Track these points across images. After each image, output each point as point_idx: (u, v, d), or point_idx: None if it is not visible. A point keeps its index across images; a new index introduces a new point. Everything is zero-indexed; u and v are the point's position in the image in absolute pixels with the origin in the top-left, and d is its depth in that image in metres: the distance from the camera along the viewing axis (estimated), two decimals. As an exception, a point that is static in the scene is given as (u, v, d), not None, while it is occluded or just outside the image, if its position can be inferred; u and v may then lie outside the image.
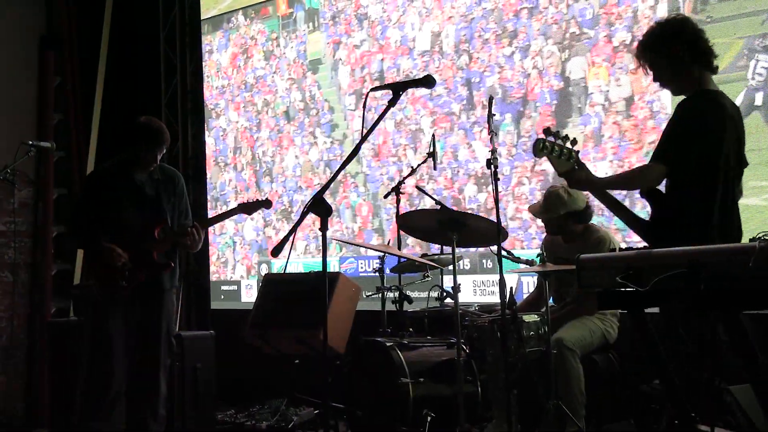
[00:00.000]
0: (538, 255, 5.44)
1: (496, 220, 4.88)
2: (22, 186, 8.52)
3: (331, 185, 3.96)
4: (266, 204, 5.86)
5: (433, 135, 6.31)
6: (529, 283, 6.48)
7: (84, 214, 5.68)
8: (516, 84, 6.86)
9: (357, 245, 6.62)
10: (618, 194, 4.36)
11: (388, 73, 7.67)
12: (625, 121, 6.28)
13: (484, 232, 5.32)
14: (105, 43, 9.37)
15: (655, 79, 4.29)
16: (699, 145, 4.00)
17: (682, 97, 4.20)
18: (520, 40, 6.85)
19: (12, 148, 6.45)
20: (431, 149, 6.14)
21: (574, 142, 4.06)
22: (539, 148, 3.97)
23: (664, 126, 4.27)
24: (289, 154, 8.48)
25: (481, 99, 6.94)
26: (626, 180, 4.43)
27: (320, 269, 3.96)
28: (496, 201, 4.83)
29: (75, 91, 9.23)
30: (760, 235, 3.13)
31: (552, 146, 3.99)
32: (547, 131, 4.01)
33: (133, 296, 5.54)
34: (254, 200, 5.87)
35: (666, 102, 6.01)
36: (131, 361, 5.56)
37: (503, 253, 5.05)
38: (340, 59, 8.10)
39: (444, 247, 6.06)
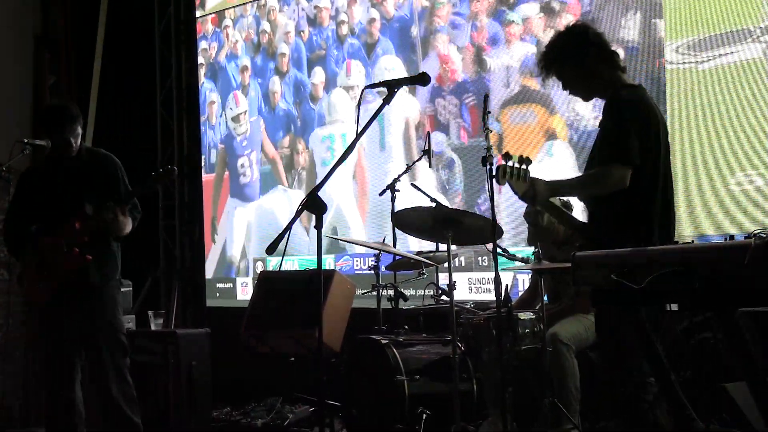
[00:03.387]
0: (534, 252, 5.44)
1: (491, 218, 4.88)
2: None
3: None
4: (170, 172, 5.24)
5: (428, 133, 6.30)
6: (525, 281, 6.48)
7: (12, 218, 5.55)
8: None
9: (353, 243, 6.62)
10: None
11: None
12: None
13: (479, 229, 5.32)
14: (100, 42, 9.36)
15: (565, 88, 4.28)
16: (642, 140, 3.99)
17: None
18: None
19: (7, 146, 6.43)
20: (426, 147, 6.14)
21: (528, 161, 4.03)
22: (502, 175, 3.97)
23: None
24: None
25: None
26: (585, 184, 4.20)
27: (315, 267, 3.96)
28: (492, 198, 4.83)
29: (70, 90, 9.22)
30: (756, 232, 3.13)
31: (512, 170, 3.98)
32: (506, 156, 4.00)
33: (61, 298, 5.27)
34: (160, 171, 5.29)
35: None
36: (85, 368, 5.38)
37: (498, 250, 5.05)
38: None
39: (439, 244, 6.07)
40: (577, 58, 4.16)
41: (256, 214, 8.62)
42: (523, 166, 4.00)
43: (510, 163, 3.99)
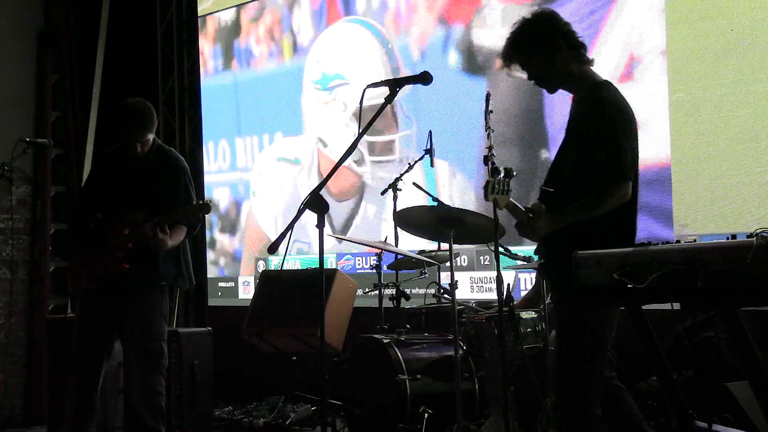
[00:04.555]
0: (536, 251, 5.43)
1: (493, 217, 4.87)
2: (19, 183, 8.51)
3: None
4: (205, 208, 5.25)
5: (430, 132, 6.30)
6: (527, 280, 6.47)
7: (78, 204, 5.62)
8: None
9: (355, 242, 6.61)
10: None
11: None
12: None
13: (481, 228, 5.32)
14: (102, 41, 9.36)
15: (530, 78, 4.12)
16: (632, 146, 3.92)
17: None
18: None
19: (9, 145, 6.44)
20: (428, 146, 6.13)
21: (509, 174, 3.93)
22: (490, 192, 3.87)
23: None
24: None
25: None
26: (588, 210, 3.90)
27: (317, 266, 3.96)
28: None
29: (72, 88, 9.22)
30: (758, 231, 3.12)
31: (500, 185, 3.89)
32: (494, 171, 3.96)
33: (97, 298, 5.30)
34: (195, 204, 5.35)
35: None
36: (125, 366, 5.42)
37: (500, 249, 5.04)
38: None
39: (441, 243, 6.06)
40: (545, 48, 4.01)
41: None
42: (507, 179, 3.90)
43: (498, 178, 3.90)
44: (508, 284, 5.11)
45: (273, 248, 3.89)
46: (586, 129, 3.97)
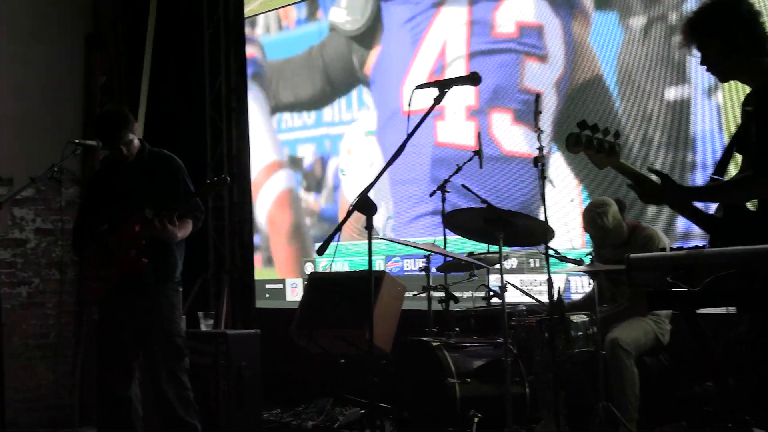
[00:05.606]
0: (588, 254, 5.37)
1: (543, 219, 4.83)
2: (68, 184, 8.57)
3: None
4: (222, 182, 5.32)
5: (479, 133, 6.25)
6: (578, 283, 6.40)
7: (80, 220, 5.68)
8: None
9: (403, 243, 6.57)
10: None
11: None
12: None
13: (531, 231, 5.27)
14: (150, 43, 9.41)
15: (702, 63, 3.83)
16: None
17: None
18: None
19: (59, 147, 6.47)
20: (478, 147, 6.09)
21: (617, 135, 3.70)
22: (573, 143, 3.63)
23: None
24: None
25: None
26: (740, 192, 3.70)
27: (366, 268, 3.93)
28: (543, 199, 4.77)
29: (120, 89, 9.28)
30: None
31: (588, 139, 3.66)
32: (582, 124, 3.67)
33: (117, 297, 5.33)
34: (211, 180, 5.42)
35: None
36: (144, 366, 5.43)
37: (551, 252, 4.99)
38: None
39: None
40: (724, 34, 3.74)
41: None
42: (608, 138, 3.65)
43: (587, 132, 3.64)
44: (559, 288, 5.06)
45: (322, 250, 3.86)
46: (761, 119, 3.70)
